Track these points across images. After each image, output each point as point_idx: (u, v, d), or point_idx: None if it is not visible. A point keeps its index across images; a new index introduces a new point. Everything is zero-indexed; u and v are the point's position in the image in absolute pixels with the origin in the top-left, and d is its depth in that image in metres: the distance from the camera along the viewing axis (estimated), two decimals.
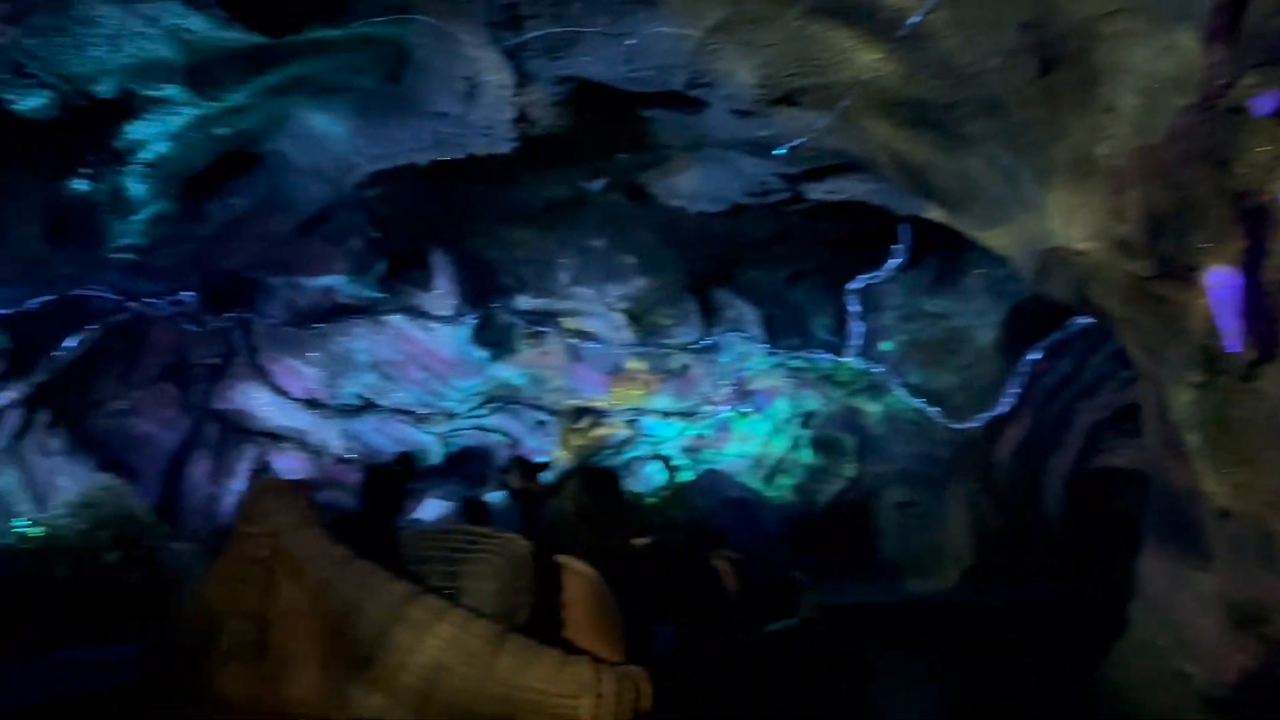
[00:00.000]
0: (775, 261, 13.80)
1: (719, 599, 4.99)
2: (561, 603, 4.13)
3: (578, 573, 4.20)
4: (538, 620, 4.06)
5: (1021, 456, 14.41)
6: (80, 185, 9.36)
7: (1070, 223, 6.51)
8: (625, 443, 16.43)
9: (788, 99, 7.50)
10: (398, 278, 13.30)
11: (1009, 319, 13.57)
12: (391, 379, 14.41)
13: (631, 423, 16.22)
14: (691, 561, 5.08)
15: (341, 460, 14.50)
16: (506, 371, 14.82)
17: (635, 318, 14.47)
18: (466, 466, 16.05)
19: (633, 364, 15.14)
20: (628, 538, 4.89)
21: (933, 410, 13.87)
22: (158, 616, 10.01)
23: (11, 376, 10.68)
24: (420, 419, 14.96)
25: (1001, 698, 7.85)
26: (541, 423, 15.73)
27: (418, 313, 13.60)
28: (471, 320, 13.74)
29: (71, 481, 11.20)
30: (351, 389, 14.28)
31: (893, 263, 13.10)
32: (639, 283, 13.97)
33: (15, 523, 10.50)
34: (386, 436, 15.00)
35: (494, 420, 15.76)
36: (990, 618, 11.13)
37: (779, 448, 16.18)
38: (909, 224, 11.94)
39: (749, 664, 4.79)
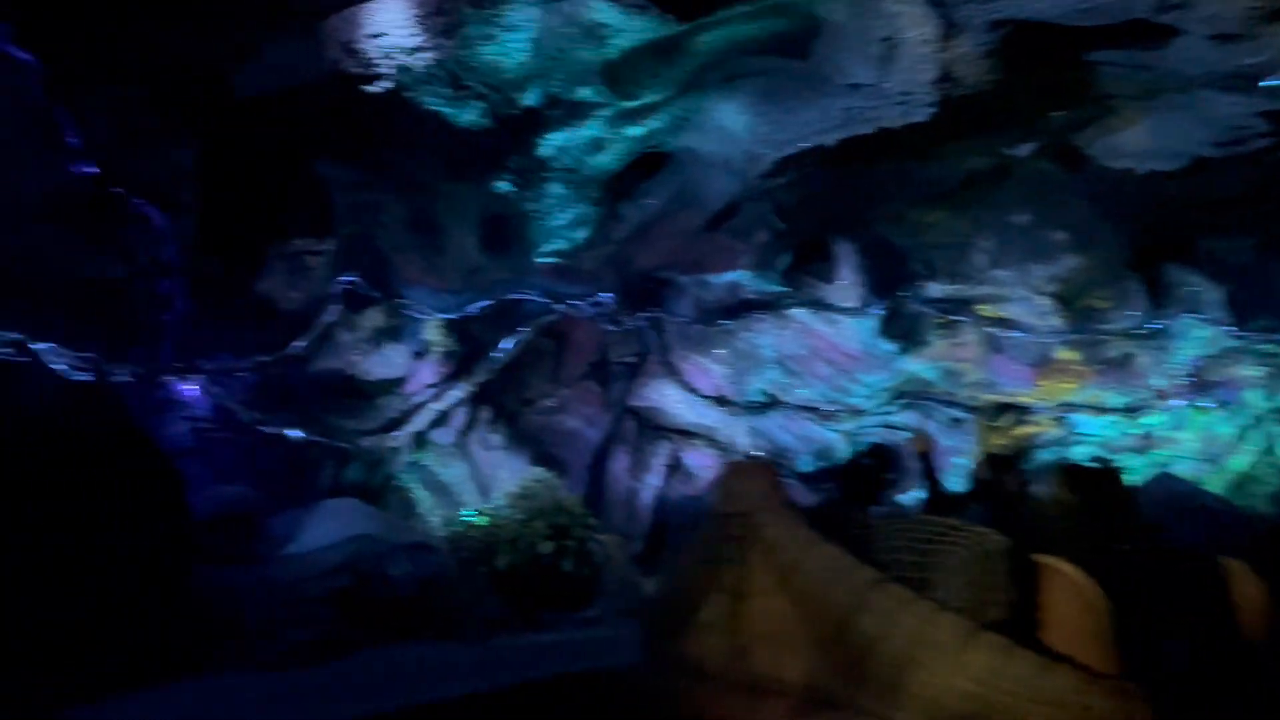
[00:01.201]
0: (1244, 227, 11.83)
1: (1238, 614, 4.17)
2: (1043, 605, 3.74)
3: (1064, 575, 3.76)
4: (1014, 621, 3.69)
5: None
6: (509, 194, 10.14)
7: None
8: (1054, 442, 15.02)
9: None
10: (801, 269, 13.04)
11: None
12: (796, 375, 14.18)
13: (1061, 420, 14.78)
14: (1201, 569, 4.31)
15: (750, 458, 14.58)
16: (917, 365, 14.02)
17: (1065, 301, 13.11)
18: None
19: (1063, 354, 13.75)
20: (1124, 541, 4.28)
21: None
22: (585, 606, 10.72)
23: (458, 377, 11.63)
24: (825, 416, 14.60)
25: None
26: (957, 420, 14.77)
27: (822, 305, 13.24)
28: (878, 311, 13.17)
29: (509, 474, 11.94)
30: (757, 385, 14.21)
31: None
32: (1069, 261, 12.63)
33: (463, 512, 11.35)
34: (792, 434, 14.87)
35: (903, 418, 14.95)
36: None
37: (1251, 449, 13.94)
38: None
39: None
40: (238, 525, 8.96)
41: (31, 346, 6.64)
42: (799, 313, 13.34)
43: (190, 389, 8.98)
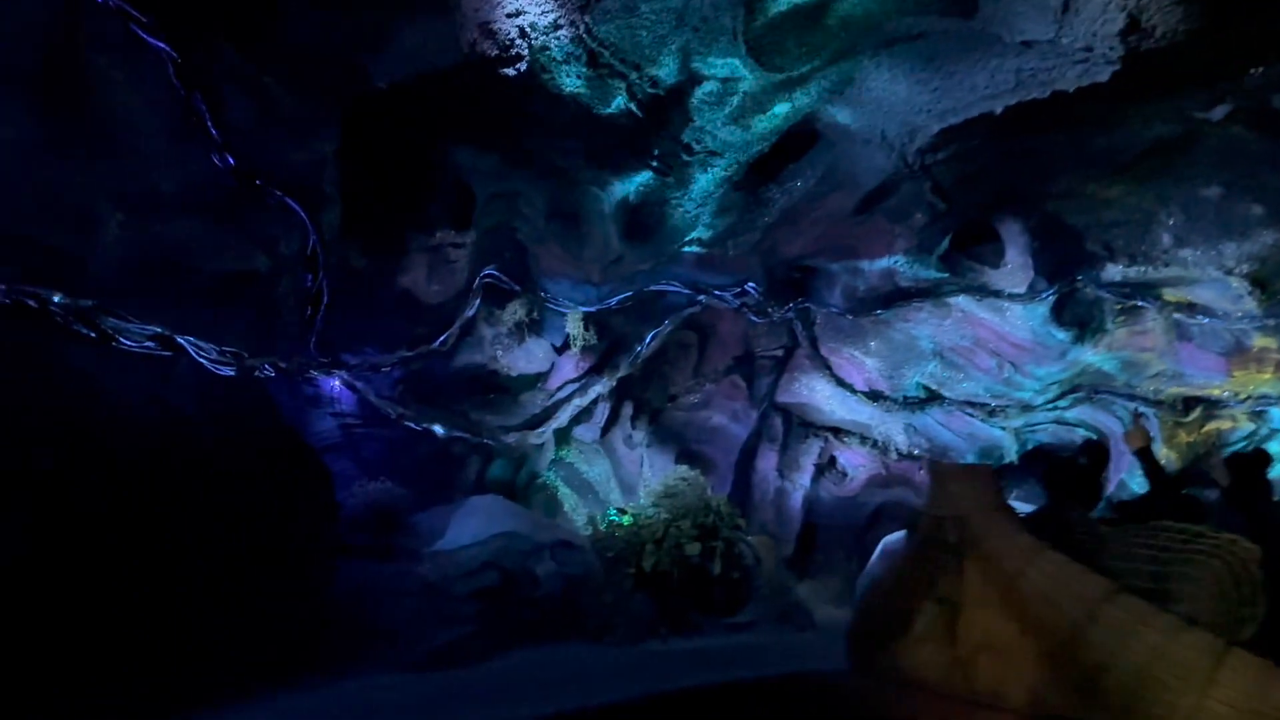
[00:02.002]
0: None
1: None
2: None
3: None
4: (1269, 637, 3.30)
5: None
6: (650, 181, 9.77)
7: None
8: (1250, 439, 13.80)
9: None
10: (963, 253, 12.25)
11: None
12: (957, 368, 13.50)
13: (1259, 414, 13.56)
14: None
15: (906, 456, 14.01)
16: (1093, 355, 13.09)
17: (1262, 283, 11.91)
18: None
19: (1260, 341, 12.56)
20: None
21: None
22: (736, 611, 10.39)
23: (599, 371, 11.50)
24: (991, 412, 13.88)
25: None
26: (1139, 416, 13.73)
27: (986, 291, 12.39)
28: (1050, 297, 12.25)
29: (653, 472, 11.92)
30: (914, 379, 13.64)
31: None
32: (1267, 237, 11.42)
33: (609, 511, 11.29)
34: (953, 431, 14.17)
35: (1078, 413, 14.16)
36: None
37: None
38: None
39: None
40: (383, 521, 9.02)
41: (176, 340, 6.61)
42: (961, 300, 12.56)
43: (335, 384, 9.07)
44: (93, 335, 6.06)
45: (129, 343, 6.31)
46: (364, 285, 8.77)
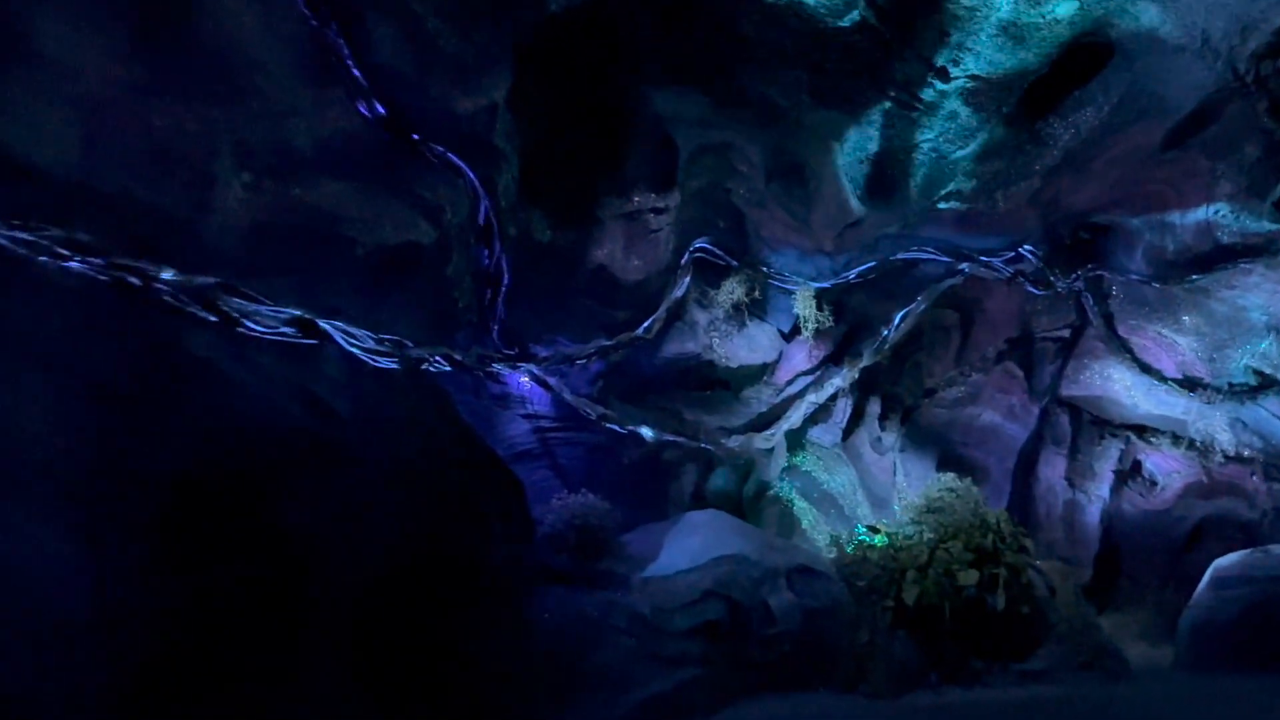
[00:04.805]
0: None
1: None
2: None
3: None
4: None
5: None
6: (895, 119, 8.77)
7: None
8: None
9: None
10: None
11: None
12: None
13: None
14: None
15: (1234, 459, 12.47)
16: None
17: None
18: None
19: None
20: None
21: None
22: (1027, 654, 8.96)
23: (838, 360, 10.74)
24: None
25: None
26: None
27: None
28: None
29: (910, 482, 11.20)
30: (1243, 362, 12.05)
31: None
32: None
33: (857, 530, 10.44)
34: None
35: None
36: None
37: None
38: None
39: None
40: (585, 541, 8.46)
41: (321, 326, 5.95)
42: None
43: (523, 380, 8.68)
44: (213, 319, 5.28)
45: (259, 328, 5.60)
46: (551, 261, 8.27)
